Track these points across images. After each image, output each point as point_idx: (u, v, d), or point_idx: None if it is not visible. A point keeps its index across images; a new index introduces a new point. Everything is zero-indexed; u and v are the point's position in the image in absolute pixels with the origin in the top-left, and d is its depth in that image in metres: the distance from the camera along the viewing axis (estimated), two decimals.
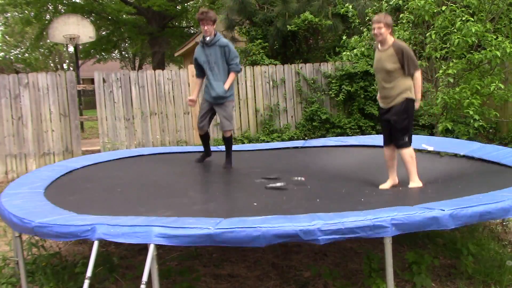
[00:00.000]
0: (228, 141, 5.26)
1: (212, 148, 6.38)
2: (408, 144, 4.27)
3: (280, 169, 5.11)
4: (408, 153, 4.26)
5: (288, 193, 4.00)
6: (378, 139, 5.70)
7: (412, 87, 4.23)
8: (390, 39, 4.23)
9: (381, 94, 4.37)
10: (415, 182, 4.27)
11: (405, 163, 4.29)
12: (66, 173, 4.61)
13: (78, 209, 3.24)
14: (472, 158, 4.88)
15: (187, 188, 4.48)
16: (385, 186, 4.41)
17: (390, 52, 4.19)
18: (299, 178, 4.39)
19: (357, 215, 2.70)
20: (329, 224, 2.59)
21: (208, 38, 5.03)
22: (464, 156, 4.99)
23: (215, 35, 5.06)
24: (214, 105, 5.20)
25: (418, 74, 4.23)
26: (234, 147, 6.48)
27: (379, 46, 4.30)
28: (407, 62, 4.16)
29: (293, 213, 2.92)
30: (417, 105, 4.31)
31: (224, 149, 5.32)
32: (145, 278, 2.59)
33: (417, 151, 5.41)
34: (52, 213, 3.11)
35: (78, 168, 4.83)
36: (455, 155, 5.08)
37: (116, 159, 5.39)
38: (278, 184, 4.23)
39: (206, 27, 4.98)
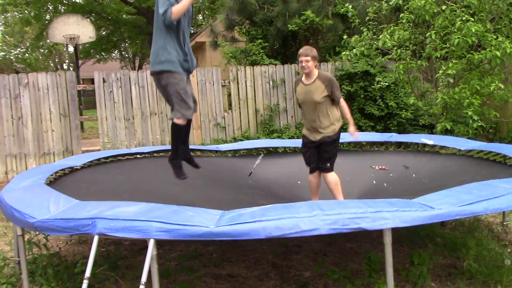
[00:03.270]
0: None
1: (211, 147, 6.37)
2: (331, 169, 4.39)
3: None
4: (331, 178, 4.37)
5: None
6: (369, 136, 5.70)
7: (340, 117, 4.40)
8: (316, 72, 4.33)
9: (310, 126, 4.41)
10: None
11: (331, 189, 4.40)
12: (67, 167, 4.60)
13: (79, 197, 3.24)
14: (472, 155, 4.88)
15: (186, 190, 4.50)
16: None
17: (318, 84, 4.28)
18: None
19: (358, 207, 2.68)
20: (329, 215, 2.58)
21: None
22: (464, 151, 4.99)
23: None
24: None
25: (342, 101, 4.37)
26: (234, 146, 6.41)
27: (303, 79, 4.38)
28: (334, 91, 4.28)
29: None
30: (352, 128, 4.42)
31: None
32: (144, 278, 2.58)
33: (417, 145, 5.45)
34: (55, 202, 3.10)
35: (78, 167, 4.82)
36: (457, 150, 5.08)
37: (117, 155, 5.35)
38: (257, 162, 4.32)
39: None
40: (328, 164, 4.36)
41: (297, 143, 6.37)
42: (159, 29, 3.58)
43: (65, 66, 35.89)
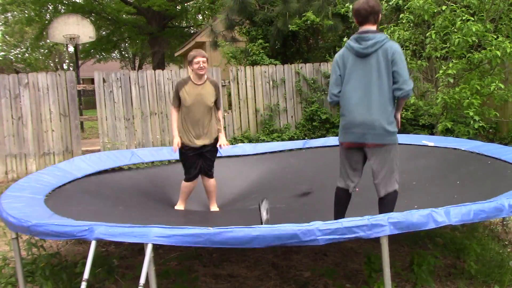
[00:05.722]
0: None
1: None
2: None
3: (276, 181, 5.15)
4: (214, 182, 4.64)
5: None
6: None
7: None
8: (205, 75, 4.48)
9: (199, 132, 4.43)
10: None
11: (212, 192, 4.63)
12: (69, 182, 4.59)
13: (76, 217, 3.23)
14: (472, 153, 4.87)
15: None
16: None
17: (209, 88, 4.44)
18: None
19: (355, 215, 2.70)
20: (327, 224, 2.60)
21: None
22: (465, 151, 4.98)
23: None
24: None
25: (222, 110, 4.70)
26: (236, 152, 6.29)
27: (193, 79, 4.41)
28: (220, 97, 4.55)
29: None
30: (224, 139, 4.58)
31: None
32: (142, 280, 2.58)
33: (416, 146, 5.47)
34: (50, 218, 3.11)
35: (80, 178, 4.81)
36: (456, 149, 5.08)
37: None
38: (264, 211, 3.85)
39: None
40: (211, 169, 4.59)
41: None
42: (388, 96, 3.21)
43: (65, 66, 35.91)
